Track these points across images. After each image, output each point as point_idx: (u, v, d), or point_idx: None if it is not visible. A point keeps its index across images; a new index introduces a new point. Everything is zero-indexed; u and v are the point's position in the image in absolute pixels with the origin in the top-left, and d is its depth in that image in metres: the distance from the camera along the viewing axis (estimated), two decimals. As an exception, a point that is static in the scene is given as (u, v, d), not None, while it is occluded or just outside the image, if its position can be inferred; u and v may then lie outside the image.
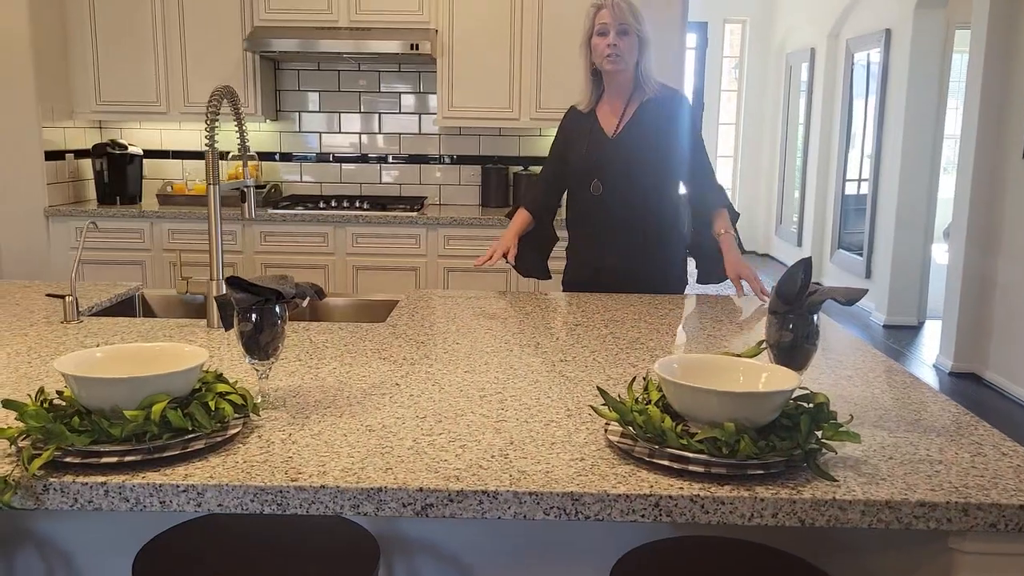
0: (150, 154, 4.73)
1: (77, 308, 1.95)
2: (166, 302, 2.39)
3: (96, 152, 4.44)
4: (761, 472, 1.16)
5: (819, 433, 1.22)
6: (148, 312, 2.39)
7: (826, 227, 7.90)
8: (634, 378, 1.42)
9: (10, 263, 4.30)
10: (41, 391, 1.27)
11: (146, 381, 1.21)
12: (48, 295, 1.97)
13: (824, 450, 1.21)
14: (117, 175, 4.46)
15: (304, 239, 4.26)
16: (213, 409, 1.26)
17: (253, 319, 1.39)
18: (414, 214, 4.25)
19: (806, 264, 1.37)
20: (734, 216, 2.59)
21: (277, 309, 1.41)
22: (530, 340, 1.90)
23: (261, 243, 4.26)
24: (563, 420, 1.38)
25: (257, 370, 1.43)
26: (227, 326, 1.44)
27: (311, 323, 2.02)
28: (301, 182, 4.85)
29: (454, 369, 1.66)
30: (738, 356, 1.43)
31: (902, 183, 6.23)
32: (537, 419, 1.38)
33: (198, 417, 1.23)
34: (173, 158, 4.81)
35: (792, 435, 1.21)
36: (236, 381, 1.40)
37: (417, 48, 4.16)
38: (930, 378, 5.14)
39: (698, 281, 2.66)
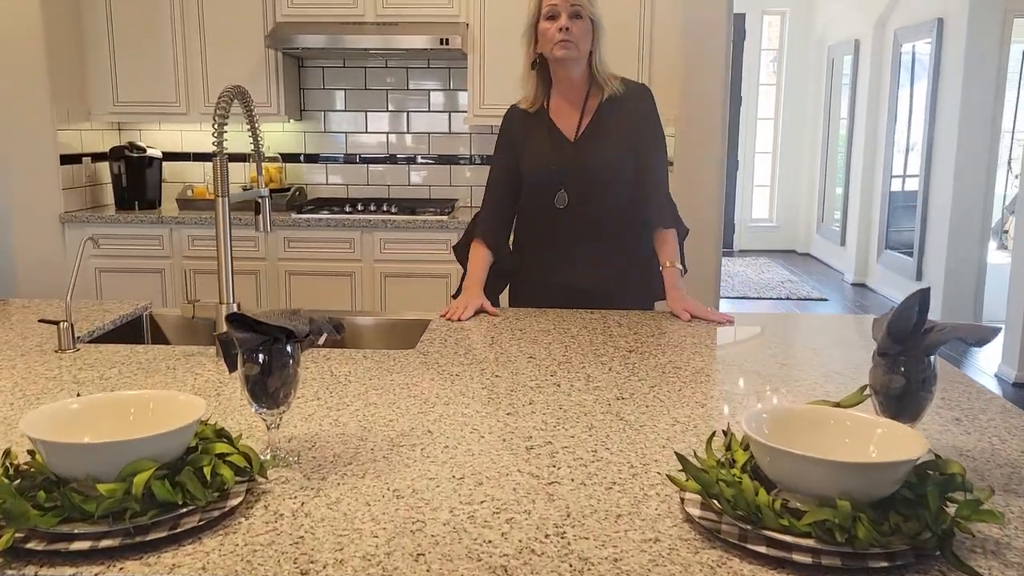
0: (170, 156, 4.55)
1: (73, 335, 1.75)
2: (176, 323, 2.19)
3: (114, 155, 4.27)
4: (886, 564, 0.92)
5: (950, 508, 0.99)
6: (157, 333, 2.20)
7: (872, 226, 7.58)
8: (713, 433, 1.19)
9: (25, 272, 4.14)
10: (7, 453, 1.07)
11: (128, 446, 1.00)
12: (41, 321, 1.77)
13: (960, 532, 0.97)
14: (135, 179, 4.28)
15: (329, 245, 4.06)
16: (210, 477, 1.05)
17: (260, 361, 1.18)
18: (444, 218, 4.03)
19: (923, 296, 1.13)
20: (683, 232, 2.29)
21: (288, 349, 1.19)
22: (579, 371, 1.67)
23: (285, 249, 4.06)
24: (628, 481, 1.15)
25: (265, 420, 1.21)
26: (231, 368, 1.23)
27: (333, 350, 1.81)
28: (327, 184, 4.66)
29: (495, 410, 1.44)
30: (837, 404, 1.19)
31: (957, 180, 5.91)
32: (596, 480, 1.16)
33: (190, 488, 1.01)
34: (194, 160, 4.63)
35: (917, 512, 0.97)
36: (239, 436, 1.19)
37: (447, 43, 3.93)
38: (992, 389, 4.83)
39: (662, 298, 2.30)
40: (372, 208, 4.16)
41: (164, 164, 4.48)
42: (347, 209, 4.17)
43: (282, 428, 1.34)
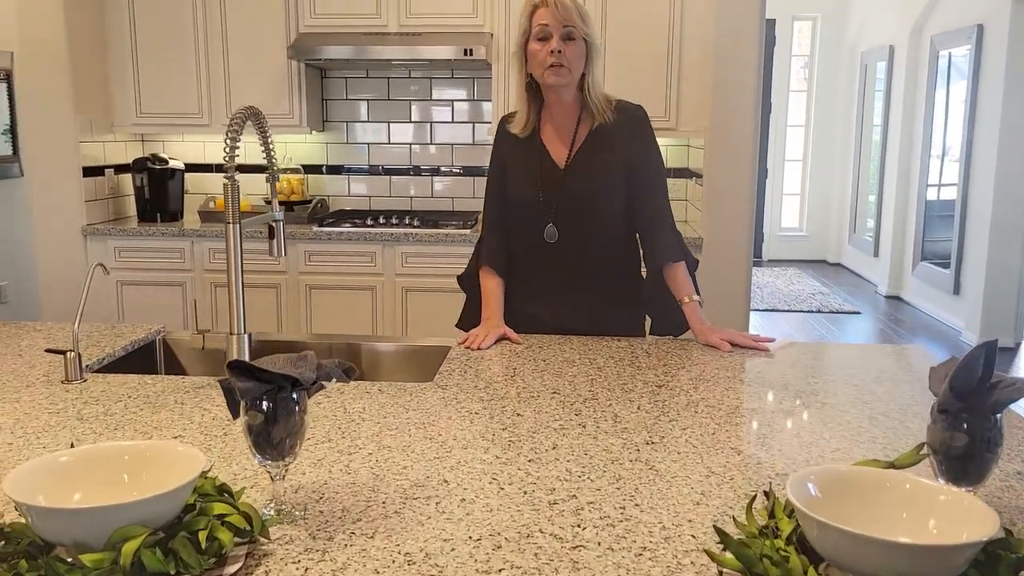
0: (192, 168, 4.51)
1: (80, 365, 1.69)
2: (191, 348, 2.13)
3: (136, 167, 4.24)
4: (951, 659, 0.83)
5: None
6: (170, 359, 2.13)
7: (907, 236, 7.40)
8: (755, 496, 1.09)
9: (47, 284, 4.12)
10: (-9, 512, 1.00)
11: (117, 511, 0.92)
12: (48, 351, 1.71)
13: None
14: (158, 191, 4.25)
15: (351, 259, 4.00)
16: (206, 541, 0.97)
17: (264, 408, 1.10)
18: (467, 231, 3.95)
19: (988, 349, 1.02)
20: (692, 264, 2.15)
21: (295, 396, 1.11)
22: (606, 409, 1.57)
23: (305, 263, 4.00)
24: (659, 547, 1.06)
25: (269, 472, 1.13)
26: (234, 414, 1.15)
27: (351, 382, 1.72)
28: (349, 196, 4.60)
29: (516, 456, 1.35)
30: (891, 465, 1.09)
31: (997, 188, 5.74)
32: (625, 544, 1.06)
33: (184, 556, 0.93)
34: (216, 172, 4.59)
35: (984, 595, 0.87)
36: (242, 491, 1.11)
37: (471, 53, 3.86)
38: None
39: (653, 332, 2.19)
40: (394, 221, 4.09)
41: (187, 176, 4.44)
42: (368, 222, 4.10)
43: (290, 476, 1.26)
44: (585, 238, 2.09)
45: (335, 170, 4.59)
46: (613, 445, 1.40)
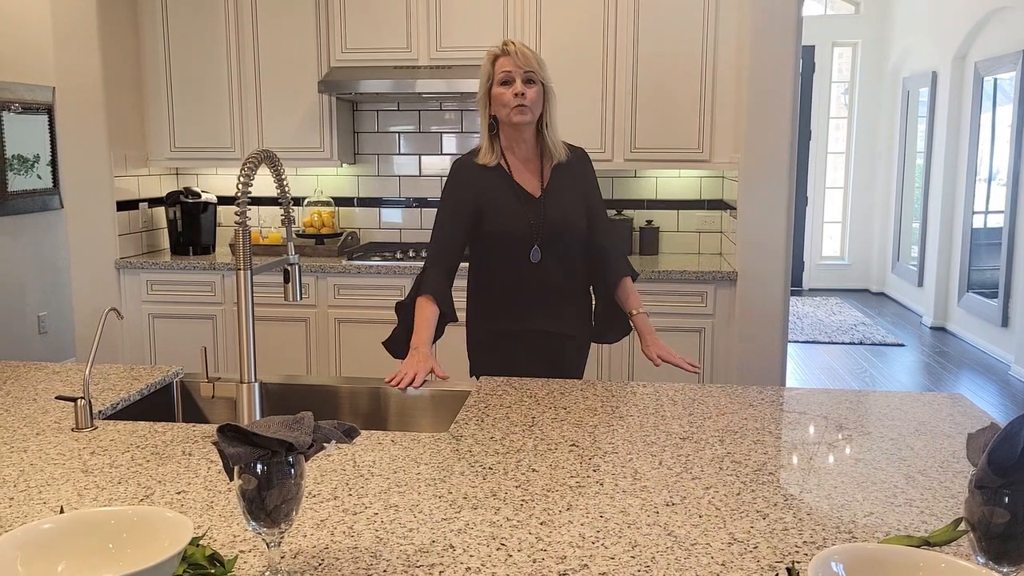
0: (225, 201, 4.54)
1: (90, 413, 1.66)
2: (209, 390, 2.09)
3: (169, 200, 4.28)
4: None
5: None
6: (187, 401, 2.11)
7: (952, 264, 7.20)
8: (788, 570, 1.01)
9: (82, 318, 4.15)
10: (-28, 583, 0.96)
11: (95, 587, 0.88)
12: (58, 398, 1.69)
13: None
14: (190, 224, 4.28)
15: (380, 292, 3.97)
16: (189, 620, 0.92)
17: (258, 472, 1.05)
18: (497, 265, 3.90)
19: (1031, 419, 0.94)
20: (634, 276, 2.47)
21: (290, 461, 1.06)
22: (626, 465, 1.51)
23: (335, 296, 3.99)
24: (673, 628, 0.99)
25: (264, 539, 1.08)
26: (229, 476, 1.11)
27: (364, 431, 1.68)
28: (380, 229, 4.58)
29: (527, 518, 1.28)
30: (926, 542, 1.01)
31: (1045, 220, 5.55)
32: (637, 624, 0.99)
33: (164, 637, 0.89)
34: (251, 204, 4.60)
35: None
36: (235, 559, 1.06)
37: (501, 86, 3.83)
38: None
39: (593, 340, 2.49)
40: (424, 254, 4.05)
41: (219, 208, 4.47)
42: (398, 255, 4.08)
43: (290, 538, 1.21)
44: (562, 257, 2.33)
45: (366, 203, 4.58)
46: (631, 506, 1.33)
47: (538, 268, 2.29)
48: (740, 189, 3.80)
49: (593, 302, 2.48)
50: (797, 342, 6.77)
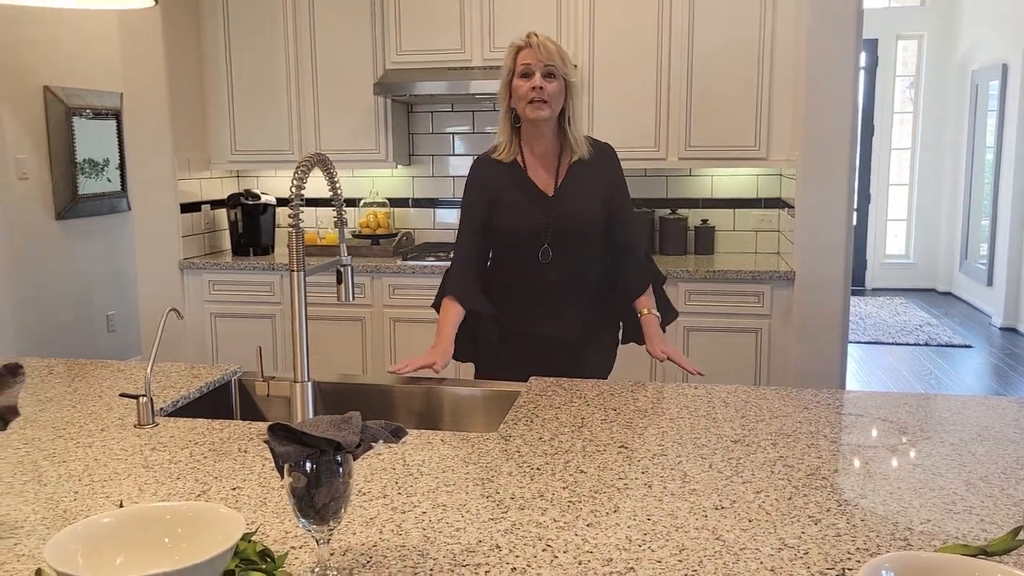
0: (284, 202, 4.63)
1: (152, 410, 1.71)
2: (264, 389, 2.14)
3: (230, 202, 4.38)
4: None
5: None
6: (245, 399, 2.15)
7: None
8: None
9: (148, 317, 4.27)
10: (38, 573, 1.00)
11: (150, 580, 0.91)
12: (122, 395, 1.74)
13: None
14: (250, 225, 4.37)
15: (435, 292, 3.99)
16: (240, 613, 0.94)
17: (307, 470, 1.07)
18: (551, 265, 3.90)
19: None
20: (660, 280, 2.43)
21: (339, 460, 1.08)
22: (675, 467, 1.49)
23: (390, 296, 4.04)
24: (719, 633, 0.98)
25: (314, 536, 1.10)
26: (280, 474, 1.13)
27: (414, 431, 1.70)
28: (434, 229, 4.62)
29: (574, 520, 1.28)
30: (983, 551, 0.98)
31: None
32: (682, 628, 0.99)
33: (216, 629, 0.91)
34: (307, 206, 4.69)
35: None
36: (286, 555, 1.08)
37: (554, 86, 3.82)
38: None
39: (623, 341, 2.46)
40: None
41: (278, 210, 4.56)
42: (452, 255, 4.10)
43: (339, 535, 1.23)
44: (574, 258, 2.28)
45: (421, 203, 4.63)
46: (679, 509, 1.32)
47: (548, 268, 2.26)
48: (798, 187, 3.73)
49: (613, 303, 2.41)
50: (859, 343, 6.62)
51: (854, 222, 3.92)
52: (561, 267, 2.27)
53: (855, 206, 3.91)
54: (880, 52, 8.73)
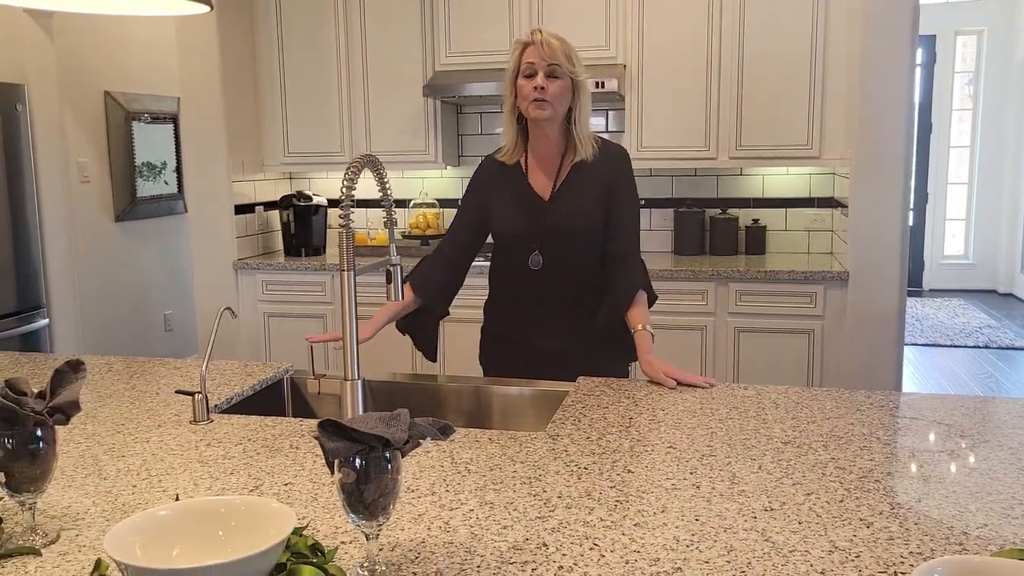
0: (336, 203, 4.69)
1: (207, 406, 1.76)
2: (315, 387, 2.18)
3: (283, 204, 4.46)
4: None
5: None
6: (297, 397, 2.19)
7: (1088, 265, 6.74)
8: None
9: (204, 317, 4.37)
10: (98, 565, 1.03)
11: (208, 571, 0.93)
12: (178, 392, 1.79)
13: None
14: (302, 226, 4.45)
15: (483, 291, 4.00)
16: (291, 605, 0.96)
17: (357, 466, 1.09)
18: (599, 265, 3.89)
19: None
20: (652, 298, 2.25)
21: (387, 456, 1.10)
22: (723, 467, 1.48)
23: (439, 297, 4.06)
24: (767, 635, 0.97)
25: (363, 531, 1.12)
26: (330, 469, 1.15)
27: (462, 429, 1.71)
28: (483, 229, 4.64)
29: (621, 519, 1.28)
30: (1040, 557, 0.96)
31: None
32: (729, 630, 0.98)
33: (269, 620, 0.93)
34: (358, 207, 4.75)
35: None
36: (336, 549, 1.10)
37: (603, 86, 3.83)
38: None
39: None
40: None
41: (330, 211, 4.62)
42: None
43: (388, 531, 1.25)
44: (568, 266, 2.18)
45: (470, 204, 4.65)
46: (728, 510, 1.31)
47: (539, 275, 2.18)
48: (852, 186, 3.67)
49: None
50: (915, 345, 6.47)
51: (910, 222, 3.85)
52: (553, 275, 2.18)
53: (911, 205, 3.84)
54: (938, 48, 8.53)
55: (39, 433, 1.20)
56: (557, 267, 2.17)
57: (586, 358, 2.18)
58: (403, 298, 2.14)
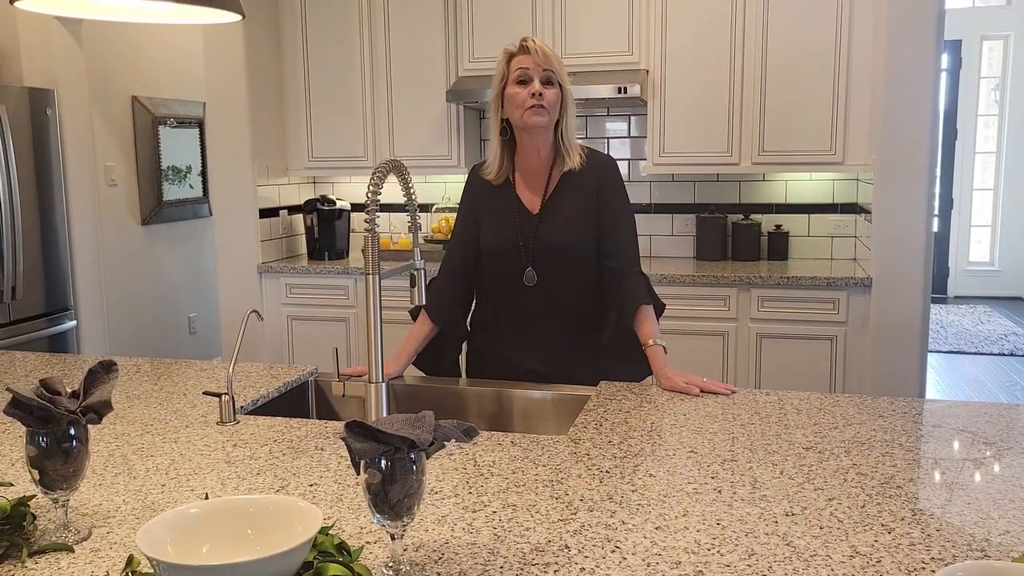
0: (359, 207, 4.73)
1: (233, 408, 1.78)
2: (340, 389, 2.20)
3: (307, 208, 4.50)
4: None
5: None
6: (321, 399, 2.22)
7: (1117, 272, 6.66)
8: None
9: (228, 320, 4.42)
10: (130, 561, 1.06)
11: (237, 568, 0.95)
12: (205, 393, 1.82)
13: None
14: (326, 230, 4.48)
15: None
16: (318, 603, 0.98)
17: (382, 467, 1.11)
18: (621, 270, 3.90)
19: None
20: (660, 307, 2.19)
21: (412, 457, 1.12)
22: (745, 472, 1.49)
23: (461, 301, 4.08)
24: (788, 638, 0.98)
25: (388, 531, 1.14)
26: (356, 470, 1.17)
27: (485, 432, 1.73)
28: (505, 234, 4.66)
29: (642, 522, 1.29)
30: (1063, 564, 0.96)
31: None
32: (750, 633, 0.99)
33: (296, 617, 0.95)
34: (381, 211, 4.78)
35: None
36: (361, 549, 1.12)
37: (625, 91, 3.84)
38: None
39: (613, 379, 2.12)
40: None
41: (353, 215, 4.66)
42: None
43: (413, 532, 1.26)
44: (561, 281, 2.13)
45: (492, 208, 4.67)
46: (749, 515, 1.32)
47: (534, 292, 2.13)
48: (875, 192, 3.65)
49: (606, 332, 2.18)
50: (939, 352, 6.42)
51: (935, 228, 3.82)
52: (547, 291, 2.13)
53: (936, 212, 3.81)
54: (964, 54, 8.46)
55: (72, 432, 1.23)
56: (553, 281, 2.13)
57: (583, 380, 2.12)
58: (421, 325, 2.19)
